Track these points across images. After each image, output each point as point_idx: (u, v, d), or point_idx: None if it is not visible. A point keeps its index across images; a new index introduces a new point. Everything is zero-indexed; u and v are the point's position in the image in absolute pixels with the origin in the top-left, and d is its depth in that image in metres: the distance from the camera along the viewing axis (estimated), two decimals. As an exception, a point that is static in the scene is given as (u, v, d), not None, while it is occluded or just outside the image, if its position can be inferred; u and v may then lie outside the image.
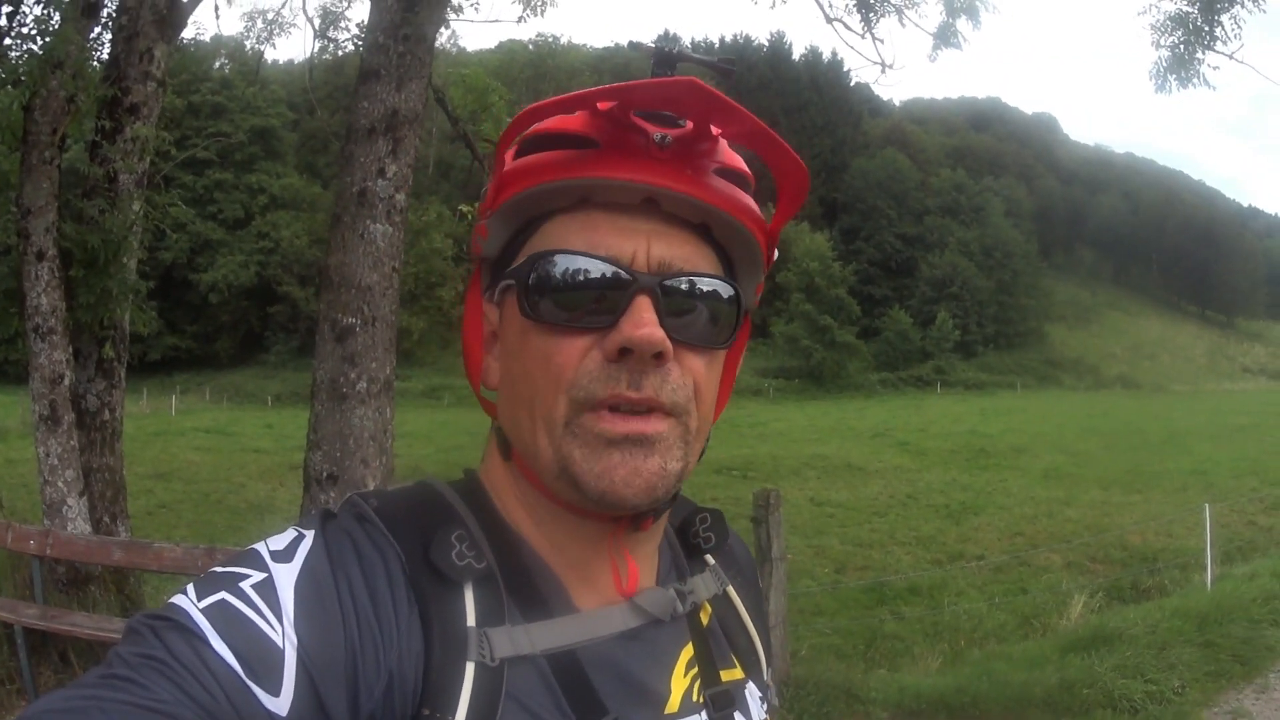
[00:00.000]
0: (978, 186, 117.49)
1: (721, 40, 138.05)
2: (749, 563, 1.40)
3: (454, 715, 0.93)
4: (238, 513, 19.77)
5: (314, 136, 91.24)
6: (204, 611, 0.89)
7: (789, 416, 51.24)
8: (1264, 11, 12.82)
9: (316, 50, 15.47)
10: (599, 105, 1.00)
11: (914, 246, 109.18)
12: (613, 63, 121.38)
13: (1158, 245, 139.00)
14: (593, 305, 0.99)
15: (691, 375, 1.04)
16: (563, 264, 1.00)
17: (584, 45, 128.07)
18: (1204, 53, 13.54)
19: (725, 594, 1.27)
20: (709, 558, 1.27)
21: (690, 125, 1.02)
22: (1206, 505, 12.65)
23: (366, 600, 0.94)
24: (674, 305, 1.02)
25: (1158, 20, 13.66)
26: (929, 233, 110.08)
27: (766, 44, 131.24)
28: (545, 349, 1.01)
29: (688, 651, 1.15)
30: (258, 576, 0.93)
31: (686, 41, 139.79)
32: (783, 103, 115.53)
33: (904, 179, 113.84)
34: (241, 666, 0.85)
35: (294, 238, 78.95)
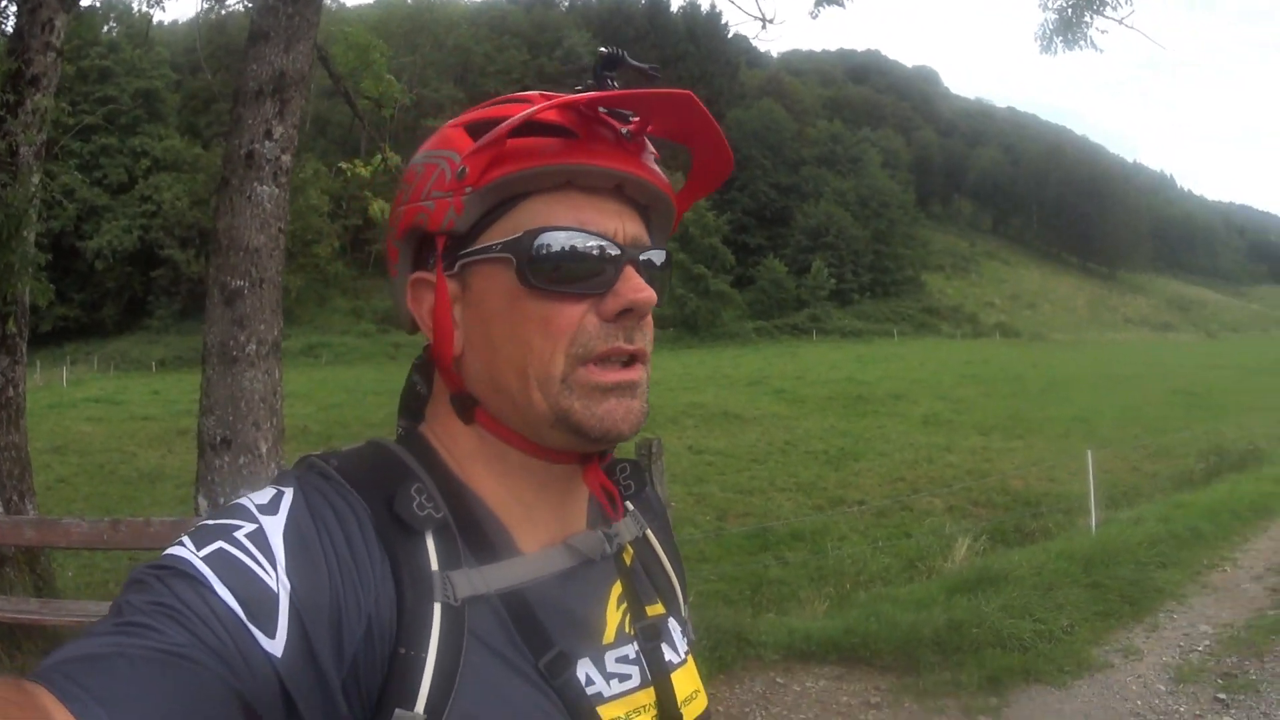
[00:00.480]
0: (855, 137, 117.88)
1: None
2: (662, 509, 1.49)
3: (426, 652, 1.01)
4: (130, 482, 19.58)
5: (195, 96, 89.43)
6: (205, 559, 0.95)
7: (664, 365, 50.21)
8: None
9: (204, 10, 15.15)
10: (568, 101, 1.13)
11: (789, 196, 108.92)
12: (490, 15, 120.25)
13: (1039, 197, 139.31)
14: (585, 274, 1.13)
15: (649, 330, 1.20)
16: (563, 239, 1.13)
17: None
18: (1093, 16, 13.59)
19: (645, 536, 1.38)
20: (629, 504, 1.36)
21: (635, 122, 1.18)
22: (1089, 451, 12.93)
23: (345, 550, 1.02)
24: (642, 273, 1.17)
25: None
26: (805, 183, 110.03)
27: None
28: (543, 313, 1.13)
29: (617, 588, 1.25)
30: (249, 527, 1.00)
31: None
32: (659, 54, 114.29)
33: (780, 130, 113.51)
34: (243, 610, 0.92)
35: (175, 199, 76.98)
